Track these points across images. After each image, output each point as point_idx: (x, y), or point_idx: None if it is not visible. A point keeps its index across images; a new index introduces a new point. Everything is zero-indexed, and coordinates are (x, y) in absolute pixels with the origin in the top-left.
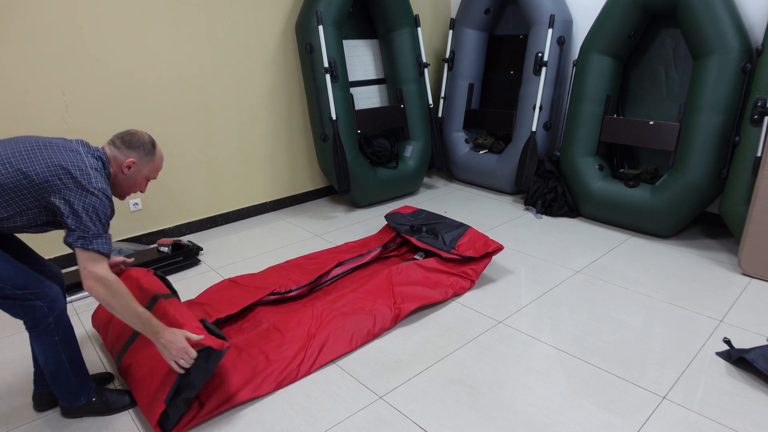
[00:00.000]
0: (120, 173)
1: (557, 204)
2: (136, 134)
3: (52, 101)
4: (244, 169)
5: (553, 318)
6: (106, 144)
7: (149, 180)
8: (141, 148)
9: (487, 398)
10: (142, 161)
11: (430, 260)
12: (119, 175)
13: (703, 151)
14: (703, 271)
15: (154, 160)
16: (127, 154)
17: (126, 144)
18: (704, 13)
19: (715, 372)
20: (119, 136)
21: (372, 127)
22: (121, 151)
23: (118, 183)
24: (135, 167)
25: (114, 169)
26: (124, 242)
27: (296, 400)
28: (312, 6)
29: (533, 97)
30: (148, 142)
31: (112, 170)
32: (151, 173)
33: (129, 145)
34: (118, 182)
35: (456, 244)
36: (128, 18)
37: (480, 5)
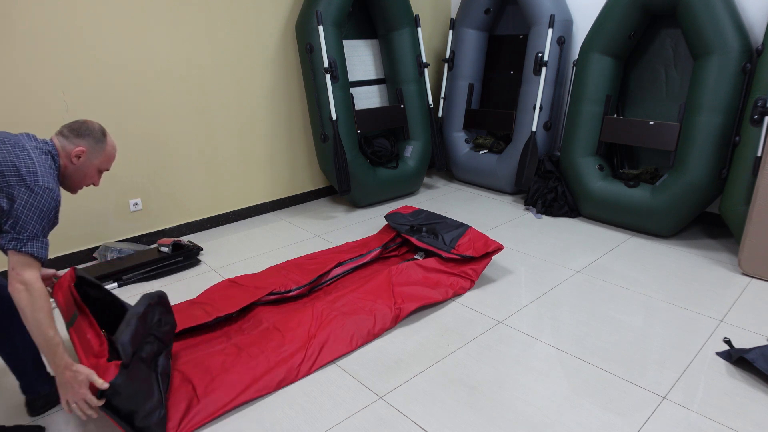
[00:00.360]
0: (69, 164)
1: (557, 204)
2: (85, 123)
3: (53, 101)
4: (245, 169)
5: (553, 318)
6: (54, 135)
7: (102, 171)
8: (90, 137)
9: (487, 398)
10: (92, 150)
11: (430, 260)
12: (69, 166)
13: (703, 151)
14: (704, 271)
15: (106, 149)
16: (76, 143)
17: (74, 133)
18: (704, 13)
19: (715, 372)
20: (67, 126)
21: (372, 127)
22: (69, 141)
23: (68, 175)
24: (85, 156)
25: (63, 160)
26: (124, 242)
27: (296, 400)
28: (312, 6)
29: (533, 97)
30: (98, 130)
31: (62, 162)
32: (103, 163)
33: (78, 133)
34: (69, 174)
35: (456, 243)
36: (129, 18)
37: (480, 5)
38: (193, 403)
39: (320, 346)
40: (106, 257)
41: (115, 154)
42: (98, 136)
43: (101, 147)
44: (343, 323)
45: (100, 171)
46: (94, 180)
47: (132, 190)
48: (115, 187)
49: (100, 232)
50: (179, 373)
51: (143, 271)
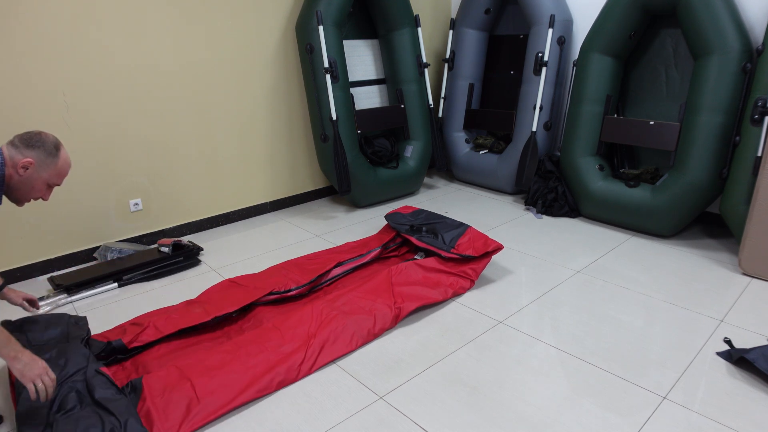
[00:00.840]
0: (15, 174)
1: (558, 204)
2: (39, 134)
3: (53, 101)
4: (245, 169)
5: (554, 318)
6: (5, 144)
7: (52, 186)
8: (41, 149)
9: (487, 398)
10: (42, 163)
11: (430, 260)
12: (14, 176)
13: (704, 151)
14: (704, 271)
15: (57, 164)
16: (25, 153)
17: (25, 143)
18: (704, 13)
19: (715, 372)
20: (19, 135)
21: (372, 127)
22: (19, 151)
23: (13, 186)
24: (33, 168)
25: (9, 170)
26: (124, 242)
27: (296, 400)
28: (312, 6)
29: (533, 97)
30: (51, 143)
31: (8, 171)
32: (53, 178)
33: (28, 144)
34: (13, 185)
35: (456, 243)
36: (129, 18)
37: (480, 5)
38: (193, 404)
39: (320, 346)
40: (107, 257)
41: (68, 169)
42: (50, 149)
43: (52, 161)
44: (343, 323)
45: (49, 185)
46: (43, 194)
47: (132, 190)
48: (116, 187)
49: (100, 232)
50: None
51: (143, 271)
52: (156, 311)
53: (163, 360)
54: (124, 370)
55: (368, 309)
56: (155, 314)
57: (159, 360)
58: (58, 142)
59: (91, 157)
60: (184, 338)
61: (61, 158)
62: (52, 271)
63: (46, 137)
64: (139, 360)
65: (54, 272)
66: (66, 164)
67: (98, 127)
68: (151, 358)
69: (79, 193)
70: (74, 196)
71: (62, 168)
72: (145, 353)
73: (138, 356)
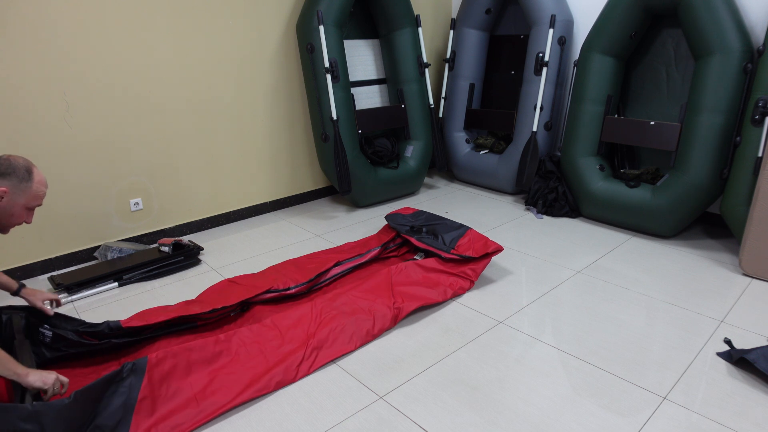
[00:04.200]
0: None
1: (558, 204)
2: (8, 160)
3: (53, 101)
4: (245, 169)
5: (554, 318)
6: None
7: (33, 209)
8: (14, 176)
9: (487, 398)
10: (16, 190)
11: (430, 260)
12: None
13: (705, 151)
14: (704, 272)
15: (31, 188)
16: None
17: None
18: (705, 14)
19: (715, 372)
20: None
21: (373, 127)
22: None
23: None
24: (8, 197)
25: None
26: (124, 242)
27: (296, 400)
28: (313, 6)
29: (534, 97)
30: (22, 167)
31: None
32: (30, 202)
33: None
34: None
35: (456, 244)
36: (130, 18)
37: (481, 5)
38: (193, 404)
39: (319, 346)
40: (107, 257)
41: (44, 190)
42: (22, 174)
43: (26, 186)
44: (342, 323)
45: (29, 209)
46: (24, 218)
47: (133, 190)
48: (116, 187)
49: (100, 232)
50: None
51: (144, 270)
52: (154, 308)
53: None
54: None
55: (367, 309)
56: (153, 309)
57: None
58: (29, 165)
59: (92, 157)
60: (183, 336)
61: (35, 181)
62: (52, 270)
63: (16, 162)
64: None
65: (54, 271)
66: (41, 186)
67: (99, 127)
68: None
69: (79, 193)
70: (75, 195)
71: (38, 190)
72: (145, 350)
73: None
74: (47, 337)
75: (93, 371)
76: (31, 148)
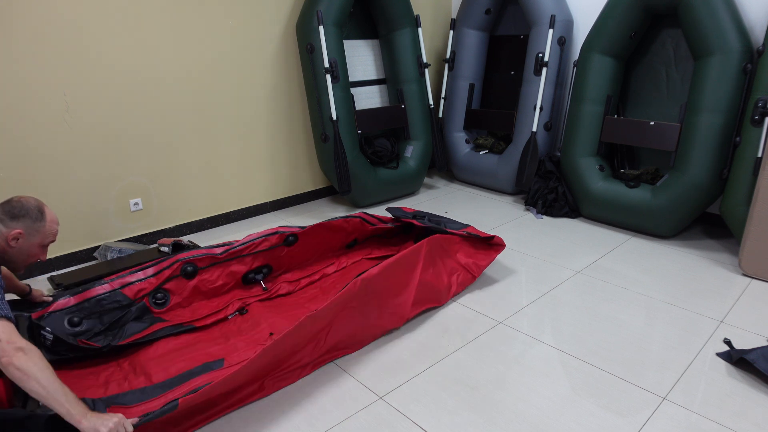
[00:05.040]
0: (8, 247)
1: (558, 204)
2: (20, 202)
3: (53, 101)
4: (245, 168)
5: (554, 318)
6: None
7: (47, 246)
8: (27, 217)
9: (487, 398)
10: (30, 231)
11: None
12: (8, 249)
13: (704, 151)
14: (704, 272)
15: (44, 228)
16: (11, 226)
17: (9, 215)
18: (705, 14)
19: (715, 373)
20: (2, 207)
21: (373, 127)
22: (4, 224)
23: (9, 258)
24: (23, 239)
25: (1, 243)
26: (124, 242)
27: (296, 400)
28: (313, 6)
29: (534, 98)
30: (34, 208)
31: (0, 246)
32: (45, 239)
33: (12, 215)
34: (9, 257)
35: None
36: (129, 17)
37: (481, 5)
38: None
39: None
40: (107, 257)
41: (56, 228)
42: (35, 215)
43: (39, 226)
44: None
45: (44, 246)
46: (40, 256)
47: (132, 190)
48: (116, 187)
49: (100, 232)
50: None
51: None
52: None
53: (161, 360)
54: (121, 370)
55: (376, 312)
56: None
57: (157, 360)
58: (40, 205)
59: (92, 157)
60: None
61: (47, 220)
62: (52, 270)
63: (27, 203)
64: (137, 360)
65: (54, 272)
66: (54, 224)
67: (98, 127)
68: (148, 358)
69: (79, 193)
70: (74, 195)
71: (51, 229)
72: (142, 352)
73: (135, 355)
74: (48, 340)
75: (91, 372)
76: (31, 148)
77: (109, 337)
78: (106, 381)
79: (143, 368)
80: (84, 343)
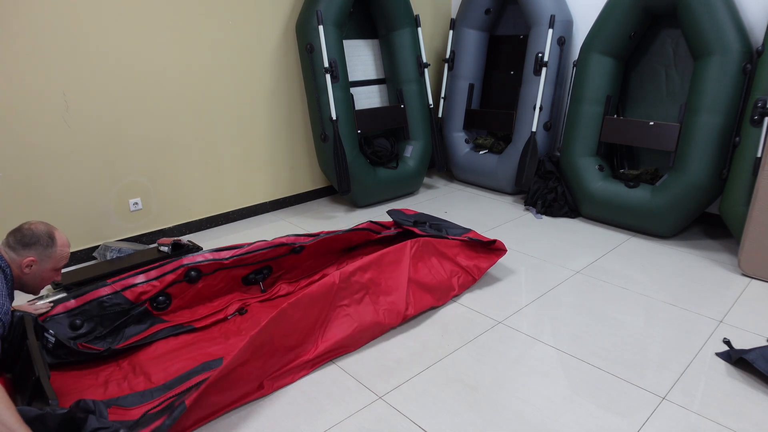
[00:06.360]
0: (22, 274)
1: (557, 204)
2: (30, 229)
3: (53, 101)
4: (245, 168)
5: (553, 318)
6: (1, 246)
7: (59, 269)
8: (38, 244)
9: (487, 398)
10: (42, 257)
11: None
12: (22, 276)
13: (704, 151)
14: (704, 272)
15: (56, 253)
16: (24, 254)
17: (21, 244)
18: (704, 14)
19: (714, 373)
20: (13, 236)
21: (372, 127)
22: (17, 252)
23: (25, 283)
24: (36, 265)
25: (16, 270)
26: (124, 242)
27: (296, 400)
28: (312, 6)
29: (533, 98)
30: (44, 234)
31: (15, 272)
32: (57, 263)
33: (24, 244)
34: (25, 282)
35: (461, 235)
36: (129, 18)
37: (480, 5)
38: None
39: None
40: (106, 256)
41: (67, 251)
42: (46, 241)
43: (51, 252)
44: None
45: (57, 270)
46: (54, 278)
47: (132, 190)
48: (116, 187)
49: (100, 232)
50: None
51: None
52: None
53: (160, 360)
54: (121, 370)
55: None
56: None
57: (156, 359)
58: (50, 230)
59: (91, 157)
60: (181, 337)
61: (58, 245)
62: None
63: (38, 230)
64: (136, 360)
65: None
66: (65, 248)
67: (98, 127)
68: (148, 358)
69: (78, 193)
70: (74, 195)
71: (62, 252)
72: (142, 352)
73: (135, 355)
74: (50, 342)
75: (91, 372)
76: (31, 148)
77: (109, 339)
78: (105, 381)
79: (143, 368)
80: (85, 347)
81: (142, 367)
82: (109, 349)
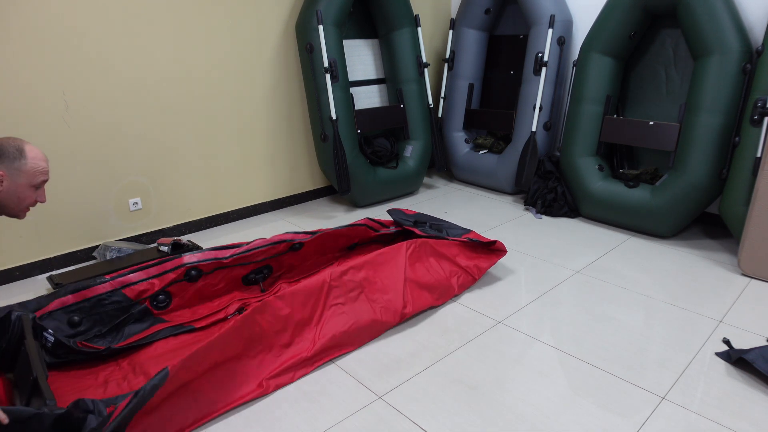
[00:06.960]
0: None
1: (557, 204)
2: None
3: (53, 101)
4: (244, 168)
5: (553, 318)
6: None
7: (40, 186)
8: (5, 157)
9: (486, 398)
10: (12, 171)
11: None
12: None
13: (703, 151)
14: (703, 272)
15: (27, 165)
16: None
17: None
18: (704, 14)
19: (714, 372)
20: None
21: (372, 127)
22: None
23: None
24: (8, 180)
25: None
26: (123, 242)
27: (296, 399)
28: (312, 6)
29: (533, 97)
30: (12, 147)
31: None
32: (33, 179)
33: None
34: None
35: (462, 236)
36: (129, 18)
37: (480, 5)
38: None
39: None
40: (106, 256)
41: (43, 164)
42: (13, 154)
43: (21, 164)
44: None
45: (35, 186)
46: (37, 197)
47: (132, 190)
48: (116, 187)
49: (99, 232)
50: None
51: None
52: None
53: (160, 360)
54: (121, 369)
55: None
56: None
57: (156, 359)
58: (19, 144)
59: (91, 156)
60: (181, 337)
61: (29, 158)
62: (51, 270)
63: (6, 143)
64: (136, 359)
65: (53, 271)
66: (38, 160)
67: (98, 126)
68: (148, 358)
69: (78, 192)
70: (74, 195)
71: (36, 166)
72: (142, 352)
73: (135, 355)
74: (49, 342)
75: (90, 372)
76: None
77: (109, 338)
78: (105, 381)
79: (142, 368)
80: (84, 346)
81: (142, 366)
82: (109, 348)
